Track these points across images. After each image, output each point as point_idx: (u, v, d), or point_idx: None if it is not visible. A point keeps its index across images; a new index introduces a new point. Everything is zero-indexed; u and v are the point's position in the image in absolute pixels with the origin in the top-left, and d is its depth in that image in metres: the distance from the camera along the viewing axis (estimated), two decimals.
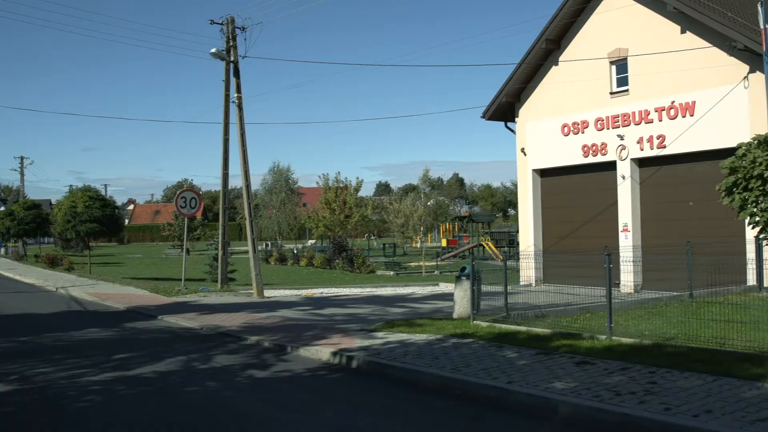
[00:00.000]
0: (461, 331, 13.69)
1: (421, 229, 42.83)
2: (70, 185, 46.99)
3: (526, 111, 25.42)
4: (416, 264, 40.31)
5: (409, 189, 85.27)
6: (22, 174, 78.03)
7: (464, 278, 15.59)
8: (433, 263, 40.98)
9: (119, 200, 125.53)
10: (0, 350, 13.50)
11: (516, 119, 25.86)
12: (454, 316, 15.85)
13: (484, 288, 15.71)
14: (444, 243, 53.68)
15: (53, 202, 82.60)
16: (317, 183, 54.38)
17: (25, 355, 12.84)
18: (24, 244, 58.48)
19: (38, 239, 66.82)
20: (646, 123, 21.22)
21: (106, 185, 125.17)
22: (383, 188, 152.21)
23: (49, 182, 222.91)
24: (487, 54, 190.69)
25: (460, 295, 15.71)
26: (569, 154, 23.66)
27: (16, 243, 58.59)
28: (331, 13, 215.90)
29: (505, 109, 25.85)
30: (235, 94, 25.01)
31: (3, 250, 64.77)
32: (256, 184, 64.08)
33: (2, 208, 72.16)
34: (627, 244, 21.49)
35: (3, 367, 11.58)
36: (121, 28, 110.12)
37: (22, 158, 78.66)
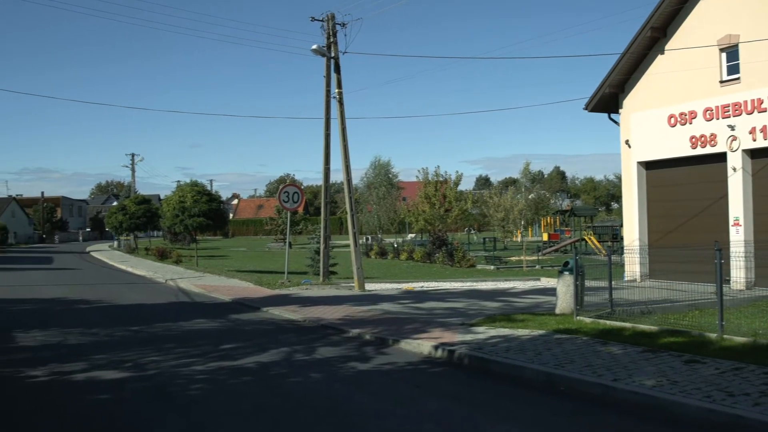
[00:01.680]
0: (564, 326, 13.47)
1: (522, 223, 42.30)
2: (178, 181, 48.80)
3: (630, 102, 24.75)
4: (517, 258, 39.90)
5: (509, 182, 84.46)
6: (133, 170, 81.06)
7: (567, 273, 15.35)
8: (534, 258, 40.46)
9: (224, 195, 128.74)
10: (116, 339, 14.12)
11: (620, 110, 25.18)
12: (557, 311, 15.62)
13: (587, 283, 15.42)
14: (545, 237, 52.98)
15: (162, 197, 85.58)
16: (417, 177, 54.44)
17: (138, 344, 13.36)
18: (135, 237, 60.91)
19: (148, 233, 69.43)
20: (759, 112, 20.31)
21: (211, 180, 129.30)
22: (483, 182, 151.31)
23: (158, 178, 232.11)
24: (589, 45, 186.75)
25: (563, 290, 15.47)
26: (676, 145, 22.88)
27: (128, 236, 61.05)
28: (430, 8, 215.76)
29: (608, 101, 25.23)
30: (336, 90, 25.31)
31: (116, 243, 67.66)
32: (356, 179, 64.74)
33: (115, 203, 75.37)
34: (738, 238, 20.64)
35: (119, 355, 12.10)
36: (226, 28, 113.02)
37: (133, 155, 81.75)
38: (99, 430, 7.86)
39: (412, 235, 63.69)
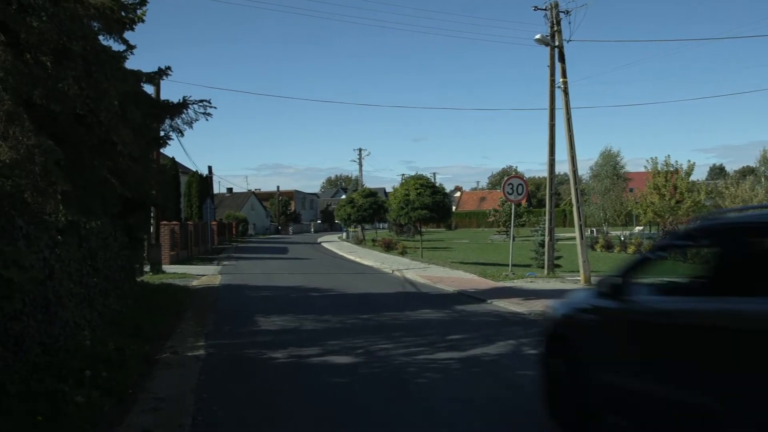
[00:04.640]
0: None
1: None
2: (402, 174, 50.13)
3: None
4: None
5: (746, 172, 78.89)
6: (360, 165, 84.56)
7: None
8: None
9: (447, 187, 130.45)
10: (347, 326, 14.75)
11: None
12: None
13: None
14: None
15: (387, 190, 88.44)
16: (645, 167, 52.35)
17: (368, 332, 13.85)
18: (362, 229, 63.34)
19: (374, 224, 71.93)
20: None
21: (434, 173, 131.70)
22: (717, 171, 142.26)
23: (384, 171, 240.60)
24: None
25: None
26: None
27: (356, 228, 63.63)
28: None
29: None
30: (561, 79, 24.81)
31: (344, 234, 70.79)
32: (581, 170, 63.24)
33: (343, 197, 78.81)
34: None
35: (351, 342, 12.61)
36: (448, 22, 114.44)
37: (360, 150, 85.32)
38: (336, 410, 8.23)
39: (640, 228, 61.15)
